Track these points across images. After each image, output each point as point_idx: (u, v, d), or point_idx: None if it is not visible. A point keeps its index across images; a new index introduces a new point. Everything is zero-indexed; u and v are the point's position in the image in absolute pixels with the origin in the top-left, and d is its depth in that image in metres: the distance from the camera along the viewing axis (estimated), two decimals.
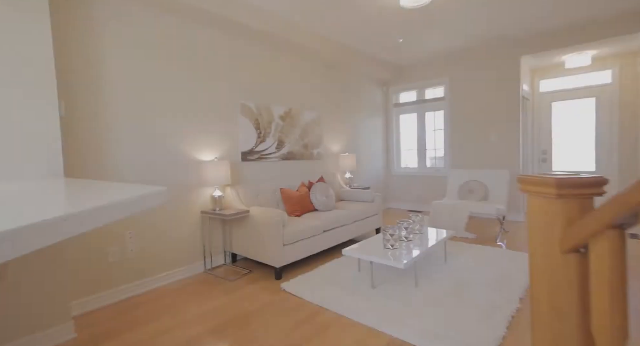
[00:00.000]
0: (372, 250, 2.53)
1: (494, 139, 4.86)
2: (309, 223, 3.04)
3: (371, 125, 5.59)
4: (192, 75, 2.89)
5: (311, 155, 4.24)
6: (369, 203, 3.96)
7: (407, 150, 5.98)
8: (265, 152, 3.61)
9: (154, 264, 2.61)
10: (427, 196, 5.62)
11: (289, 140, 3.90)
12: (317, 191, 3.51)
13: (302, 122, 4.10)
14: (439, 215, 4.07)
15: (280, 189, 3.44)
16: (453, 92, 5.22)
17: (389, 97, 5.97)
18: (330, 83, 4.61)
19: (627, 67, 4.75)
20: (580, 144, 5.28)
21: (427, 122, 5.66)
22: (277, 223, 2.68)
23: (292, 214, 3.36)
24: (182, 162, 2.81)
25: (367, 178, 5.50)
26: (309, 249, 2.99)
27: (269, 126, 3.64)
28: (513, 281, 2.51)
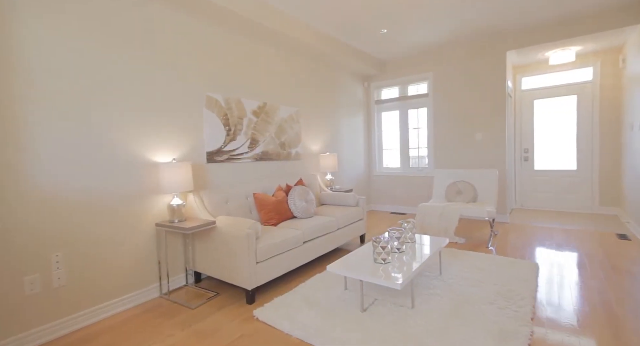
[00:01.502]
0: (361, 265, 2.16)
1: (479, 137, 4.66)
2: (288, 233, 2.63)
3: (352, 123, 5.25)
4: (146, 58, 2.40)
5: (289, 155, 3.82)
6: (352, 207, 3.60)
7: (389, 149, 5.69)
8: (235, 152, 3.15)
9: (92, 293, 2.10)
10: (411, 197, 5.36)
11: (263, 138, 3.46)
12: (296, 196, 3.10)
13: (279, 118, 3.67)
14: (426, 218, 3.78)
15: (253, 194, 3.00)
16: (437, 89, 4.98)
17: (370, 93, 5.66)
18: (309, 76, 4.22)
19: (607, 64, 4.70)
20: (562, 142, 5.21)
21: (409, 120, 5.40)
22: (248, 235, 2.25)
23: (267, 223, 2.93)
24: (131, 163, 2.31)
25: (349, 179, 5.16)
26: (288, 264, 2.58)
27: (240, 122, 3.19)
28: (516, 295, 2.23)
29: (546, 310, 2.06)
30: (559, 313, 2.02)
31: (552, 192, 5.29)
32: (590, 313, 2.01)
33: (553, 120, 5.25)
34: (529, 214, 5.02)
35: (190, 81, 2.73)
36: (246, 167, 3.28)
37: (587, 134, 4.98)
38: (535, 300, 2.19)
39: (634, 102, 3.86)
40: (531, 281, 2.44)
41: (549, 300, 2.19)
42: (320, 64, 4.43)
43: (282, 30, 3.26)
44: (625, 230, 3.92)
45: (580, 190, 5.07)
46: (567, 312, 2.03)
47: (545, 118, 5.31)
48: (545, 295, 2.27)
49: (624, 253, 3.08)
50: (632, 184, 3.91)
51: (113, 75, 2.21)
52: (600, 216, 4.69)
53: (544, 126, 5.33)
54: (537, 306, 2.11)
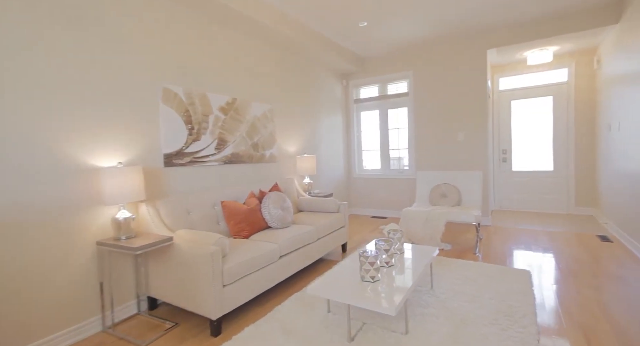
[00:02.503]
0: (346, 284, 1.85)
1: (461, 137, 4.52)
2: (261, 247, 2.27)
3: (330, 123, 4.96)
4: (90, 40, 1.96)
5: (262, 157, 3.46)
6: (333, 213, 3.30)
7: (369, 151, 5.46)
8: (200, 154, 2.75)
9: (12, 334, 1.64)
10: (392, 200, 5.15)
11: (233, 139, 3.08)
12: (271, 203, 2.75)
13: (251, 116, 3.30)
14: (410, 224, 3.56)
15: (221, 202, 2.62)
16: (417, 88, 4.80)
17: (349, 92, 5.40)
18: (285, 71, 3.87)
19: (582, 65, 4.73)
20: (539, 143, 5.21)
21: (390, 120, 5.20)
22: (213, 254, 1.87)
23: (238, 236, 2.56)
24: (64, 169, 1.87)
25: (328, 183, 4.86)
26: (261, 284, 2.22)
27: (205, 119, 2.79)
28: (517, 312, 2.01)
29: (550, 329, 1.85)
30: (565, 332, 1.81)
31: (530, 193, 5.28)
32: (596, 328, 1.82)
33: (530, 121, 5.25)
34: (508, 215, 4.96)
35: (144, 71, 2.31)
36: (213, 171, 2.88)
37: (563, 135, 5.00)
38: (536, 315, 1.98)
39: (610, 103, 3.85)
40: (528, 294, 2.25)
41: (550, 316, 1.99)
42: (297, 59, 4.10)
43: (254, 16, 2.90)
44: (605, 231, 3.90)
45: (556, 191, 5.08)
46: (573, 330, 1.83)
47: (523, 119, 5.29)
48: (546, 311, 2.07)
49: (610, 257, 2.99)
50: (609, 184, 3.90)
51: (39, 58, 1.76)
52: (577, 217, 4.70)
53: (521, 126, 5.32)
54: (540, 324, 1.90)
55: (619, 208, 3.57)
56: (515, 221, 4.56)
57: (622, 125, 3.43)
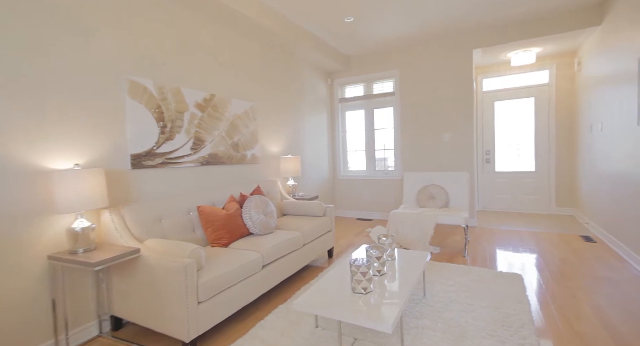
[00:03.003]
0: (336, 297, 1.68)
1: (447, 138, 4.46)
2: (242, 257, 2.07)
3: (315, 122, 4.79)
4: (42, 18, 1.69)
5: (243, 158, 3.24)
6: (319, 217, 3.13)
7: (354, 151, 5.33)
8: (174, 154, 2.50)
9: None
10: (378, 202, 5.04)
11: (211, 138, 2.85)
12: (253, 207, 2.54)
13: (231, 114, 3.07)
14: (399, 227, 3.44)
15: (197, 207, 2.39)
16: (403, 87, 4.71)
17: (334, 90, 5.25)
18: (268, 67, 3.67)
19: (563, 67, 4.80)
20: (521, 144, 5.25)
21: (375, 120, 5.09)
22: (186, 267, 1.66)
23: (216, 244, 2.34)
24: (5, 172, 1.60)
25: (312, 184, 4.68)
26: (242, 298, 2.01)
27: (179, 117, 2.55)
28: (514, 321, 1.91)
29: (550, 339, 1.75)
30: (565, 343, 1.72)
31: (512, 193, 5.31)
32: (595, 337, 1.74)
33: (513, 122, 5.28)
34: (492, 216, 4.96)
35: (106, 59, 2.05)
36: (188, 173, 2.64)
37: (544, 136, 5.05)
38: (534, 324, 1.89)
39: (592, 104, 3.89)
40: (523, 301, 2.16)
41: (549, 325, 1.89)
42: (280, 55, 3.91)
43: (232, 5, 2.69)
44: (587, 232, 3.93)
45: (538, 191, 5.13)
46: (573, 341, 1.74)
47: (506, 120, 5.32)
48: (543, 319, 1.98)
49: (597, 258, 2.98)
50: (591, 185, 3.94)
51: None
52: (558, 217, 4.75)
53: (504, 127, 5.34)
54: (539, 334, 1.80)
55: (601, 208, 3.60)
56: (499, 222, 4.55)
57: (605, 126, 3.45)
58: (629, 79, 2.80)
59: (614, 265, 2.79)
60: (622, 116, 2.94)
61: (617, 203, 3.12)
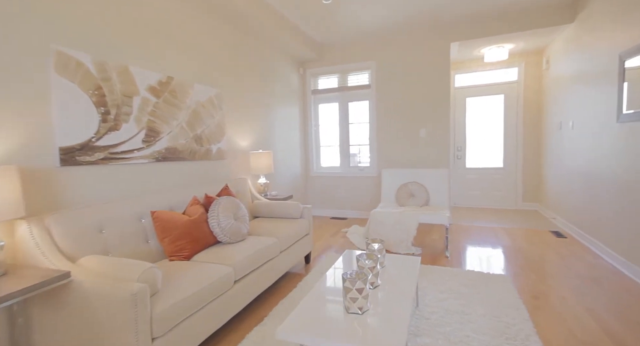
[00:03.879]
0: (328, 321, 1.39)
1: (423, 134, 4.35)
2: (209, 272, 1.70)
3: (286, 115, 4.43)
4: None
5: (208, 153, 2.81)
6: (296, 219, 2.82)
7: (328, 146, 5.06)
8: (120, 148, 2.04)
9: None
10: (353, 200, 4.83)
11: (169, 129, 2.40)
12: (221, 211, 2.16)
13: (192, 101, 2.63)
14: (380, 227, 3.23)
15: (151, 213, 1.96)
16: (380, 80, 4.51)
17: (306, 81, 4.91)
18: (235, 50, 3.24)
19: (531, 65, 4.89)
20: (491, 140, 5.32)
21: (350, 113, 4.85)
22: (136, 296, 1.26)
23: (176, 257, 1.93)
24: None
25: (283, 182, 4.34)
26: (209, 325, 1.65)
27: (127, 102, 2.08)
28: (516, 331, 1.76)
29: None
30: None
31: (482, 190, 5.37)
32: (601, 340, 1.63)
33: (483, 118, 5.32)
34: (464, 213, 4.97)
35: (25, 22, 1.55)
36: (140, 171, 2.19)
37: (512, 133, 5.15)
38: (536, 335, 1.74)
39: (561, 102, 3.96)
40: (519, 307, 2.03)
41: (552, 334, 1.76)
42: (249, 38, 3.49)
43: None
44: (555, 227, 4.02)
45: (505, 187, 5.23)
46: None
47: (476, 116, 5.35)
48: (544, 327, 1.85)
49: (572, 255, 2.99)
50: (559, 181, 4.03)
51: None
52: (524, 212, 4.86)
53: (475, 124, 5.37)
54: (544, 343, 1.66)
55: (571, 204, 3.67)
56: (472, 219, 4.54)
57: (577, 124, 3.50)
58: (608, 77, 2.81)
59: (591, 262, 2.80)
60: (599, 113, 2.96)
61: (591, 199, 3.16)
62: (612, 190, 2.75)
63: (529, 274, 2.59)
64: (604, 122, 2.87)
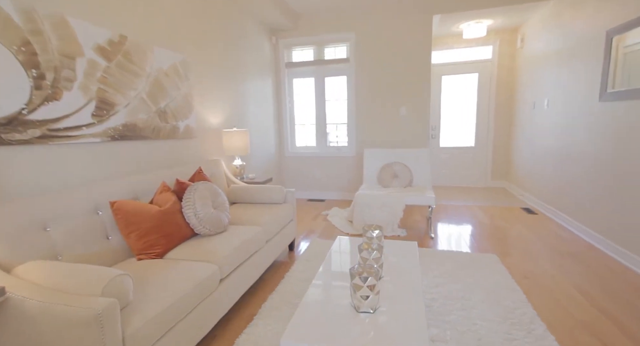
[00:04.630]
0: (337, 325, 1.21)
1: (404, 112, 4.21)
2: (189, 273, 1.42)
3: (258, 89, 4.04)
4: None
5: (175, 131, 2.42)
6: (279, 204, 2.57)
7: (303, 125, 4.76)
8: (63, 123, 1.62)
9: None
10: (331, 181, 4.65)
11: (126, 101, 1.98)
12: (198, 199, 1.85)
13: (153, 68, 2.20)
14: (366, 209, 3.10)
15: (111, 203, 1.60)
16: (359, 54, 4.24)
17: (279, 52, 4.50)
18: (203, 12, 2.77)
19: (505, 44, 4.89)
20: (465, 119, 5.36)
21: (327, 90, 4.56)
22: (99, 317, 0.97)
23: (145, 256, 1.62)
24: None
25: (256, 164, 4.01)
26: (194, 333, 1.40)
27: (68, 64, 1.64)
28: (520, 316, 1.73)
29: (563, 333, 1.60)
30: (578, 335, 1.58)
31: (453, 168, 5.46)
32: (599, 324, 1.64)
33: (457, 97, 5.31)
34: (439, 192, 5.03)
35: None
36: (92, 153, 1.78)
37: (485, 112, 5.21)
38: (538, 316, 1.72)
39: (535, 81, 4.01)
40: (514, 288, 2.01)
41: (551, 315, 1.75)
42: None
43: None
44: (524, 204, 4.18)
45: (476, 166, 5.35)
46: (583, 332, 1.61)
47: (451, 95, 5.33)
48: (544, 310, 1.84)
49: (547, 231, 3.09)
50: (530, 159, 4.15)
51: None
52: (493, 190, 5.03)
53: (449, 103, 5.36)
54: (550, 328, 1.64)
55: (540, 181, 3.81)
56: (447, 197, 4.60)
57: (552, 102, 3.55)
58: (592, 55, 2.80)
59: (567, 238, 2.91)
60: (580, 92, 2.98)
61: (565, 176, 3.26)
62: (590, 168, 2.82)
63: (513, 252, 2.61)
64: (585, 101, 2.90)
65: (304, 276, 2.23)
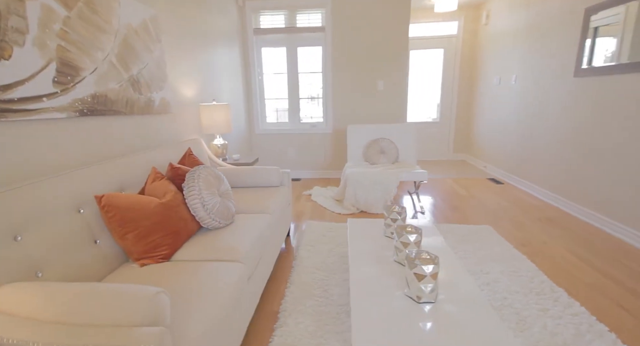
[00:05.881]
0: (407, 321, 1.12)
1: (381, 87, 4.12)
2: (215, 275, 1.18)
3: (228, 59, 3.58)
4: None
5: (150, 105, 1.98)
6: (275, 187, 2.33)
7: (275, 99, 4.41)
8: (15, 93, 1.17)
9: None
10: (306, 159, 4.45)
11: (93, 64, 1.52)
12: (204, 187, 1.54)
13: (122, 24, 1.72)
14: (359, 188, 3.00)
15: (98, 198, 1.24)
16: (336, 22, 3.97)
17: (246, 16, 4.01)
18: None
19: (470, 20, 4.99)
20: (431, 94, 5.47)
21: (300, 61, 4.23)
22: None
23: (150, 260, 1.30)
24: None
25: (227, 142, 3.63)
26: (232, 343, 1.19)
27: (16, 9, 1.16)
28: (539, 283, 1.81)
29: (579, 300, 1.71)
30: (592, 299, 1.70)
31: (420, 142, 5.62)
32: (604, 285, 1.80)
33: (424, 72, 5.37)
34: None
35: None
36: (56, 132, 1.35)
37: (449, 87, 5.36)
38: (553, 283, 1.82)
39: (501, 57, 4.18)
40: (520, 256, 2.12)
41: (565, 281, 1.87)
42: None
43: None
44: (489, 175, 4.47)
45: (440, 139, 5.58)
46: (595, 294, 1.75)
47: (418, 70, 5.36)
48: (551, 273, 1.96)
49: (519, 200, 3.33)
50: (490, 132, 4.42)
51: None
52: (456, 162, 5.31)
53: (417, 78, 5.40)
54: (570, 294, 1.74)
55: (505, 153, 4.08)
56: None
57: (519, 78, 3.74)
58: (568, 32, 2.94)
59: (538, 205, 3.16)
60: (554, 68, 3.14)
61: (533, 148, 3.50)
62: (562, 140, 3.05)
63: (500, 222, 2.76)
64: (559, 77, 3.07)
65: (312, 263, 2.08)
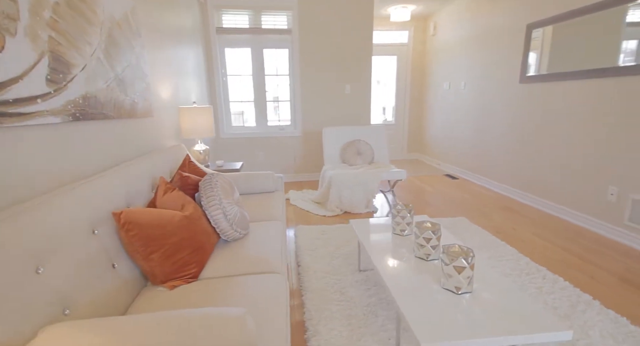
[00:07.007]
0: (458, 315, 1.19)
1: (349, 90, 4.24)
2: (265, 294, 1.11)
3: (193, 58, 3.34)
4: None
5: (134, 108, 1.75)
6: (270, 193, 2.26)
7: (240, 102, 4.24)
8: (10, 93, 0.94)
9: None
10: (275, 163, 4.36)
11: (83, 60, 1.29)
12: (223, 196, 1.42)
13: (106, 15, 1.50)
14: (343, 189, 3.05)
15: (115, 215, 1.06)
16: (303, 25, 3.97)
17: (207, 14, 3.78)
18: None
19: (419, 30, 5.42)
20: (388, 98, 5.79)
21: (266, 63, 4.14)
22: None
23: (180, 281, 1.16)
24: None
25: None
26: None
27: None
28: (525, 264, 2.05)
29: (563, 276, 1.98)
30: (578, 276, 1.99)
31: None
32: (577, 263, 2.11)
33: (381, 78, 5.67)
34: None
35: None
36: (52, 138, 1.13)
37: (402, 92, 5.74)
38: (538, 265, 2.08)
39: (450, 65, 4.62)
40: (499, 243, 2.36)
41: (547, 262, 2.14)
42: None
43: None
44: (444, 171, 4.90)
45: (395, 141, 5.94)
46: (577, 273, 2.04)
47: (376, 76, 5.64)
48: (532, 256, 2.23)
49: (476, 193, 3.71)
50: (441, 132, 4.86)
51: None
52: (411, 161, 5.72)
53: (375, 83, 5.67)
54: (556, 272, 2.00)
55: (456, 151, 4.52)
56: None
57: (468, 84, 4.19)
58: (512, 44, 3.37)
59: (492, 196, 3.56)
60: (502, 75, 3.57)
61: (483, 146, 3.93)
62: (508, 138, 3.48)
63: (470, 213, 3.04)
64: (506, 83, 3.51)
65: (319, 268, 2.05)
